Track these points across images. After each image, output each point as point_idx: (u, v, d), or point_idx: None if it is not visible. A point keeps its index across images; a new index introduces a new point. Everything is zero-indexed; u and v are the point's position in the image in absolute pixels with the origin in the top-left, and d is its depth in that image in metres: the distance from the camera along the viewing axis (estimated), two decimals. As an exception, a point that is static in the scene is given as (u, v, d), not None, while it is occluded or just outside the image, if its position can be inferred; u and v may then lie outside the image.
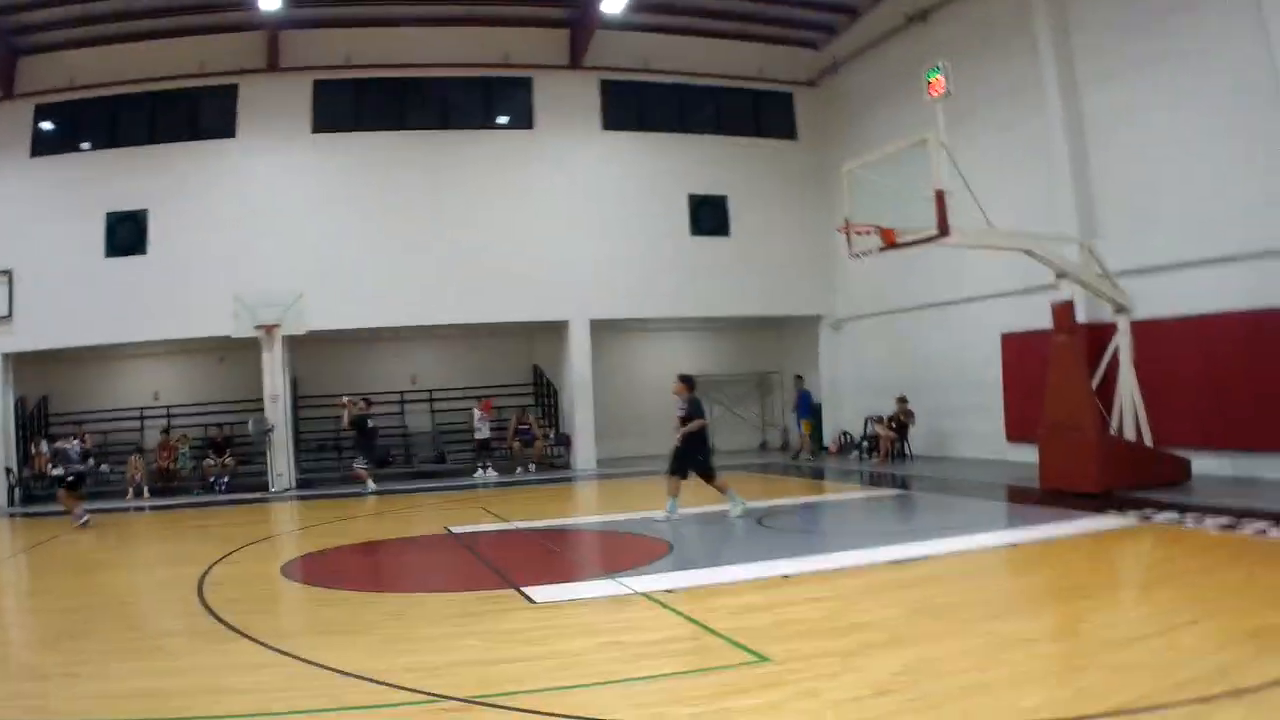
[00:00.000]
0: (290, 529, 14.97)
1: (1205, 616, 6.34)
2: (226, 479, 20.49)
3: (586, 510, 15.72)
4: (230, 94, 21.04)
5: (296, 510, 17.45)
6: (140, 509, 18.34)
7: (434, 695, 5.40)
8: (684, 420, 12.26)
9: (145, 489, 19.66)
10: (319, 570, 10.59)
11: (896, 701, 4.86)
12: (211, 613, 8.07)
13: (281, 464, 20.42)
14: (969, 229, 12.35)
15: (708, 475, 12.29)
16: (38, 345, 19.96)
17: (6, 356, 20.04)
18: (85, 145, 20.91)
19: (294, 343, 20.96)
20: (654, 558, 9.74)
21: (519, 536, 12.30)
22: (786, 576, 8.33)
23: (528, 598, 7.91)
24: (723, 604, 7.43)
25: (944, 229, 11.89)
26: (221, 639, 7.14)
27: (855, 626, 6.53)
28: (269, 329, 20.05)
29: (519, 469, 21.62)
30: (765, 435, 26.23)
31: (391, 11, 21.24)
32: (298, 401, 22.12)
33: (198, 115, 21.22)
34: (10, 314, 19.74)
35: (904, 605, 7.23)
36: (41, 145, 20.60)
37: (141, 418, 21.89)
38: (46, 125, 20.80)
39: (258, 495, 19.33)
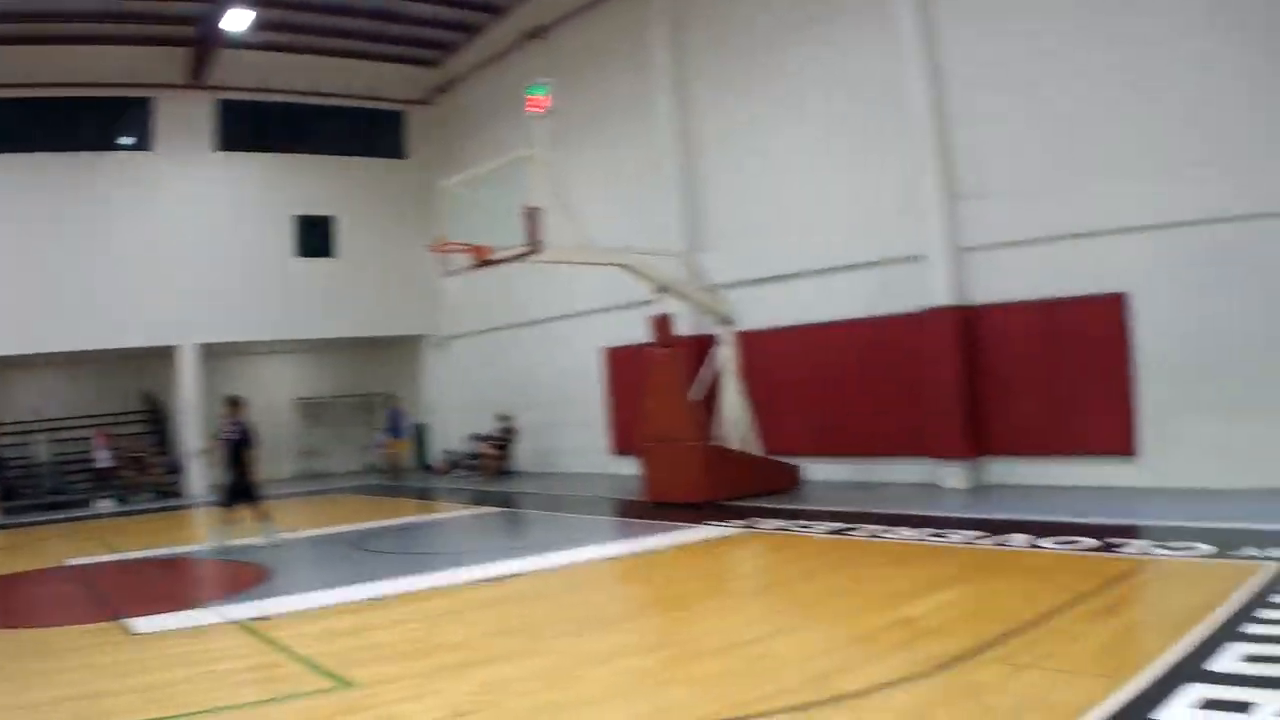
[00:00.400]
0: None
1: (807, 623, 6.46)
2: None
3: (197, 537, 14.22)
4: None
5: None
6: None
7: None
8: (237, 444, 11.66)
9: None
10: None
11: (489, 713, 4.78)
12: None
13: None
14: (565, 245, 12.38)
15: (254, 502, 11.84)
16: None
17: None
18: None
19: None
20: (253, 584, 9.42)
21: (131, 567, 11.62)
22: (376, 599, 8.20)
23: (128, 629, 7.52)
24: (312, 629, 7.19)
25: (535, 245, 11.86)
26: None
27: (438, 647, 6.43)
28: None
29: (135, 498, 20.32)
30: (373, 457, 25.42)
31: (10, 30, 19.06)
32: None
33: None
34: None
35: (488, 624, 7.15)
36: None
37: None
38: None
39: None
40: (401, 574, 9.42)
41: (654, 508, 12.97)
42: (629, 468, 16.01)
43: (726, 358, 14.08)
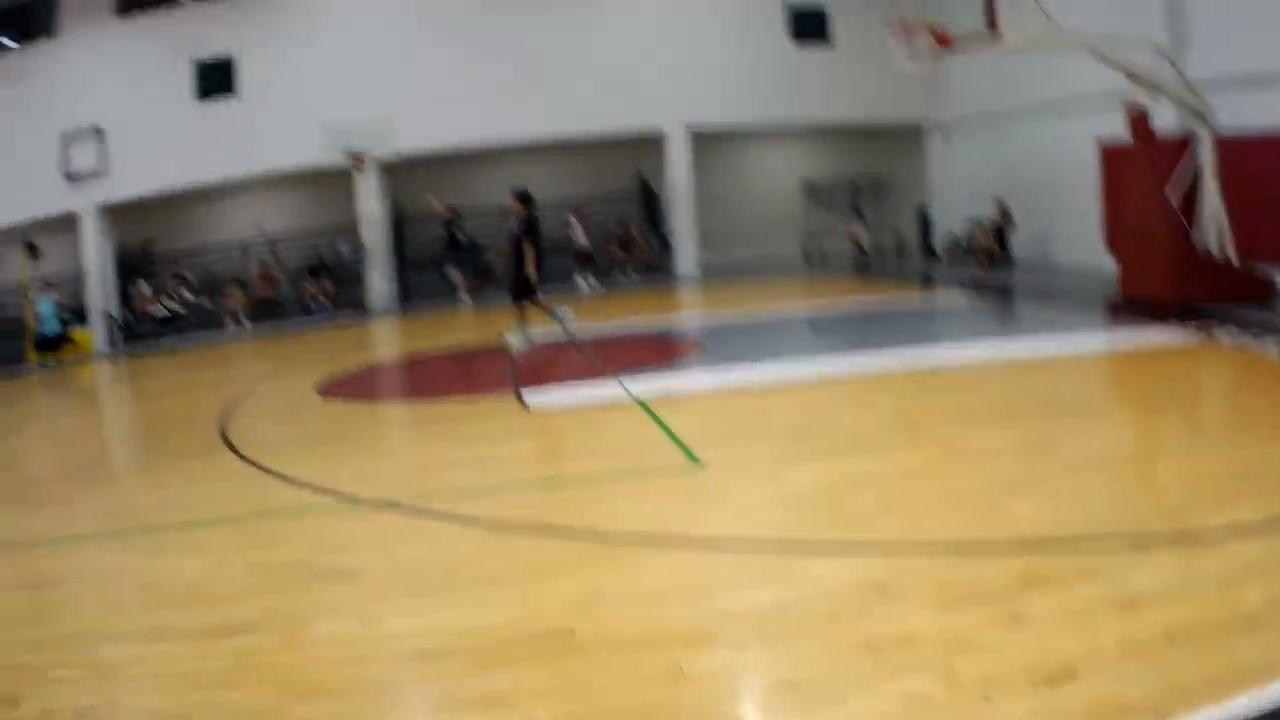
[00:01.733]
0: (360, 345, 15.79)
1: (1203, 448, 5.77)
2: (326, 302, 21.31)
3: (658, 312, 15.49)
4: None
5: (383, 328, 18.29)
6: (233, 338, 19.49)
7: (351, 499, 5.83)
8: (518, 239, 11.44)
9: (244, 319, 20.63)
10: (350, 385, 11.11)
11: (813, 507, 4.77)
12: (224, 429, 8.72)
13: (379, 284, 21.19)
14: (1030, 30, 11.41)
15: (532, 298, 11.53)
16: (131, 194, 20.96)
17: (102, 209, 21.13)
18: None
19: (390, 167, 21.32)
20: (675, 359, 9.92)
21: (576, 343, 12.08)
22: (783, 383, 8.17)
23: (524, 403, 8.16)
24: (701, 407, 7.60)
25: (993, 28, 11.08)
26: (211, 453, 7.74)
27: (811, 433, 6.45)
28: (358, 156, 20.40)
29: (620, 276, 21.86)
30: (875, 239, 25.37)
31: None
32: (399, 223, 22.57)
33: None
34: (104, 169, 20.70)
35: (882, 413, 7.06)
36: (126, 2, 21.03)
37: (243, 251, 22.72)
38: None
39: (356, 316, 20.19)
40: (828, 357, 9.33)
41: (1122, 305, 12.32)
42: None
43: (1206, 159, 12.37)
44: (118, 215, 21.70)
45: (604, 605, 3.74)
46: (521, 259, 11.27)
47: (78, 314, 20.95)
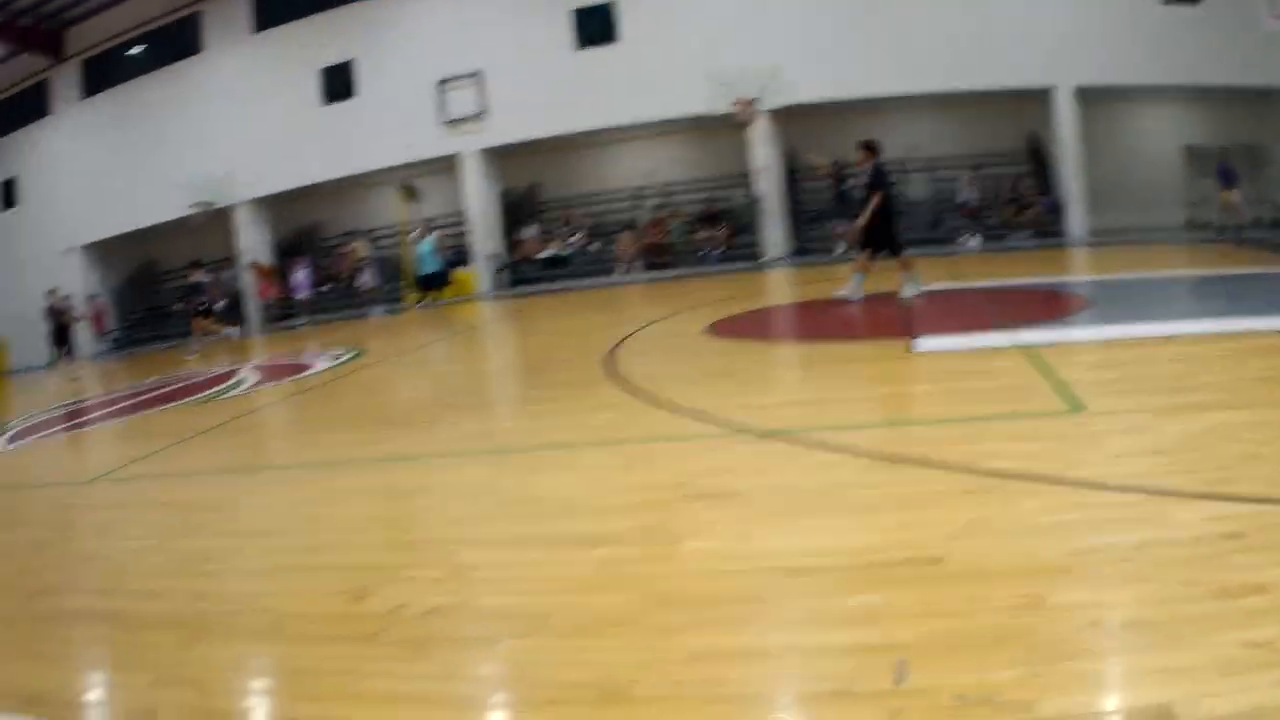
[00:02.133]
0: (750, 291, 15.82)
1: None
2: (718, 250, 21.71)
3: (1048, 272, 14.68)
4: None
5: (774, 276, 18.37)
6: (622, 283, 20.32)
7: (735, 428, 5.81)
8: (868, 190, 11.27)
9: (634, 264, 21.44)
10: (737, 326, 11.10)
11: (1182, 455, 4.49)
12: (608, 363, 8.95)
13: (773, 234, 21.25)
14: None
15: (894, 250, 11.38)
16: (512, 138, 22.19)
17: (484, 152, 22.53)
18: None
19: (782, 116, 21.28)
20: (1061, 314, 9.62)
21: (962, 295, 12.03)
22: (1171, 337, 7.54)
23: (912, 348, 7.97)
24: (1088, 359, 7.18)
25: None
26: (596, 384, 7.94)
27: (1188, 388, 5.83)
28: (746, 104, 20.50)
29: (1010, 236, 20.85)
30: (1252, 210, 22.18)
31: None
32: (792, 173, 22.46)
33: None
34: (484, 112, 22.09)
35: (1264, 371, 6.18)
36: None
37: (633, 198, 23.63)
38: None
39: (747, 265, 20.46)
40: (1211, 320, 8.33)
41: None
42: None
43: None
44: (500, 159, 23.08)
45: (974, 537, 3.72)
46: (875, 210, 11.32)
47: (460, 255, 22.40)
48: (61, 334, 18.91)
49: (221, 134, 24.63)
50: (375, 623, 3.53)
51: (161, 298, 26.91)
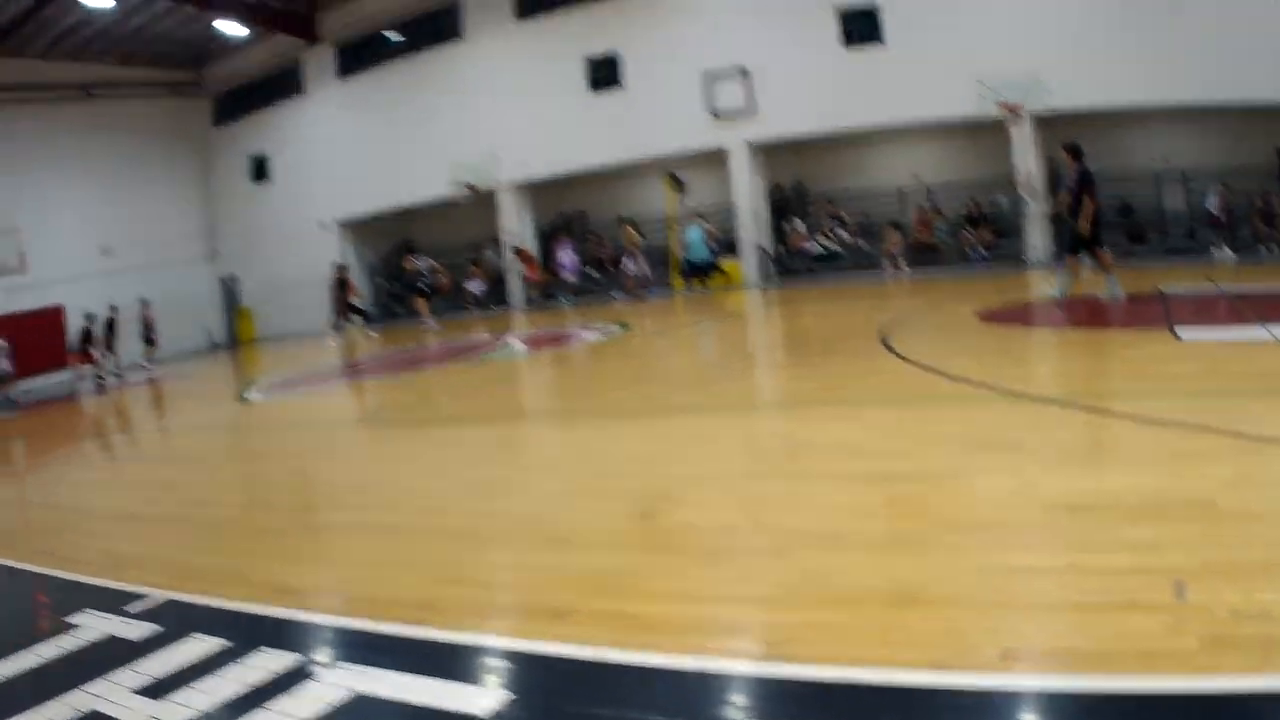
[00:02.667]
0: (1015, 287, 15.83)
1: None
2: (984, 251, 21.57)
3: None
4: None
5: (1037, 278, 18.18)
6: (888, 279, 20.41)
7: (1011, 393, 6.14)
8: (1074, 194, 11.12)
9: (901, 262, 21.57)
10: (1005, 314, 11.23)
11: None
12: (883, 338, 9.33)
13: (1035, 236, 21.00)
14: None
15: (1091, 250, 11.22)
16: (779, 134, 22.35)
17: (751, 145, 22.88)
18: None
19: (1043, 121, 20.90)
20: None
21: (1218, 298, 11.77)
22: None
23: (1176, 336, 8.12)
24: None
25: None
26: (874, 356, 8.35)
27: None
28: (1012, 108, 20.33)
29: (1262, 250, 19.46)
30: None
31: None
32: (1054, 178, 21.88)
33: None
34: (751, 107, 22.43)
35: None
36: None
37: (899, 196, 23.66)
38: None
39: (1011, 265, 20.25)
40: None
41: None
42: None
43: None
44: (767, 153, 23.31)
45: (1243, 487, 3.85)
46: (1079, 213, 11.21)
47: (727, 245, 22.78)
48: (343, 303, 20.75)
49: (484, 117, 25.78)
50: (665, 537, 3.81)
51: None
